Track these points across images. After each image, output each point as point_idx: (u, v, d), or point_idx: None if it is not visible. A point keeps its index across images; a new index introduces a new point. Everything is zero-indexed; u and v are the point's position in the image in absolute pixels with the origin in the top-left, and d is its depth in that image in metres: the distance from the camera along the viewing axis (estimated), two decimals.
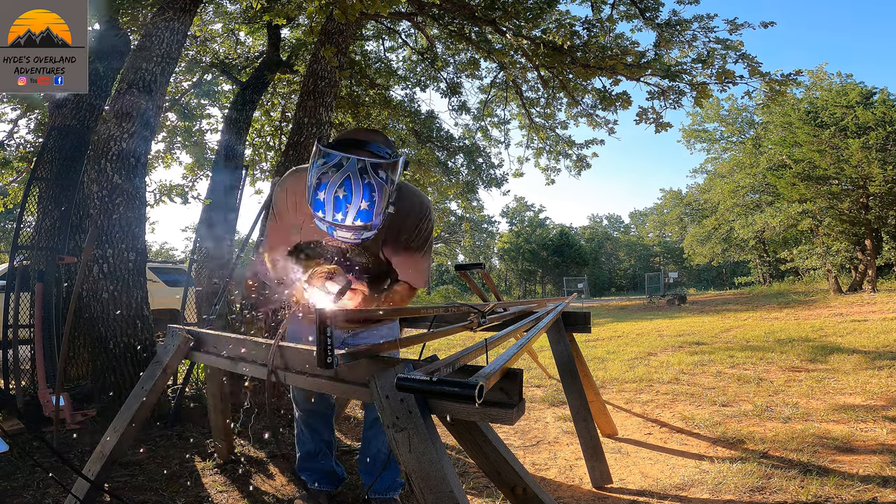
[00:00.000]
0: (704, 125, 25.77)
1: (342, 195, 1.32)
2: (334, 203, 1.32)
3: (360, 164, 1.32)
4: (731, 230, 22.94)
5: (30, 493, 2.14)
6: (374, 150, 1.41)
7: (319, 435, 2.12)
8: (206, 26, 7.59)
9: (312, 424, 2.10)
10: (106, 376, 3.30)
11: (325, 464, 2.14)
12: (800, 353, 5.61)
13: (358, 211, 1.34)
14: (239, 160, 6.11)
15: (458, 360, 1.23)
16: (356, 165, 1.31)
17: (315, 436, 2.11)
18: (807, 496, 2.05)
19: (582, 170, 8.75)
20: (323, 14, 4.47)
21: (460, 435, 1.27)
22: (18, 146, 5.72)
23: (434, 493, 1.06)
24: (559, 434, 3.11)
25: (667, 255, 41.76)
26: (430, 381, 0.96)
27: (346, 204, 1.32)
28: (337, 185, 1.31)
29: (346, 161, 1.31)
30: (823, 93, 17.40)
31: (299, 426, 2.13)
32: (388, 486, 2.06)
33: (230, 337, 1.63)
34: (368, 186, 1.32)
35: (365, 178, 1.32)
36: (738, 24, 5.71)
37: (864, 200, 14.93)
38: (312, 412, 2.08)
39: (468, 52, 7.97)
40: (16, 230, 3.70)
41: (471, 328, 1.65)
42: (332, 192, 1.32)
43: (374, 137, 1.47)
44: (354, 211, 1.34)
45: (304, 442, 2.13)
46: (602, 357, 6.06)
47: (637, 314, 15.05)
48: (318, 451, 2.12)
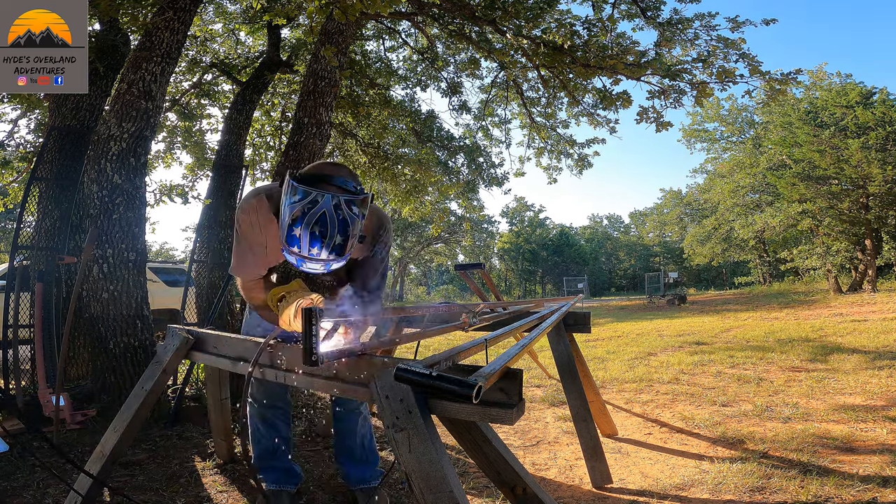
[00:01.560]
0: (704, 125, 25.79)
1: (317, 231, 1.35)
2: (310, 238, 1.36)
3: (335, 200, 1.35)
4: (731, 230, 22.94)
5: (30, 493, 2.14)
6: (343, 184, 1.45)
7: (278, 432, 2.09)
8: (206, 26, 7.58)
9: (271, 420, 2.08)
10: (106, 376, 3.30)
11: (283, 462, 2.11)
12: (800, 353, 5.61)
13: (333, 245, 1.38)
14: (239, 160, 6.10)
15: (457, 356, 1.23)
16: (331, 202, 1.35)
17: (273, 433, 2.08)
18: (807, 496, 2.05)
19: (583, 169, 8.74)
20: (323, 14, 4.46)
21: (460, 435, 1.27)
22: (18, 146, 5.71)
23: (434, 493, 1.06)
24: (559, 434, 3.11)
25: (667, 255, 41.74)
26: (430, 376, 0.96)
27: (321, 239, 1.36)
28: (312, 221, 1.34)
29: (322, 198, 1.34)
30: (823, 93, 17.39)
31: (255, 423, 2.09)
32: (370, 475, 2.13)
33: (230, 337, 1.63)
34: (342, 222, 1.37)
35: (339, 213, 1.36)
36: (740, 22, 5.71)
37: (864, 200, 14.92)
38: (271, 407, 2.07)
39: (468, 51, 7.97)
40: (16, 230, 3.70)
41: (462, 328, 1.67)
42: (308, 228, 1.35)
43: (341, 172, 1.50)
44: (330, 246, 1.38)
45: (259, 440, 2.09)
46: (602, 357, 6.06)
47: (637, 314, 15.04)
48: (276, 448, 2.09)
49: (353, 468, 2.14)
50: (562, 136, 8.60)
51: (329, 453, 2.71)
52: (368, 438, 2.18)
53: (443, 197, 10.36)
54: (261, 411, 2.07)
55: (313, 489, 2.27)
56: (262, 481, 2.08)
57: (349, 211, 1.38)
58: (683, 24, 5.85)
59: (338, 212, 1.36)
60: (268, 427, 2.08)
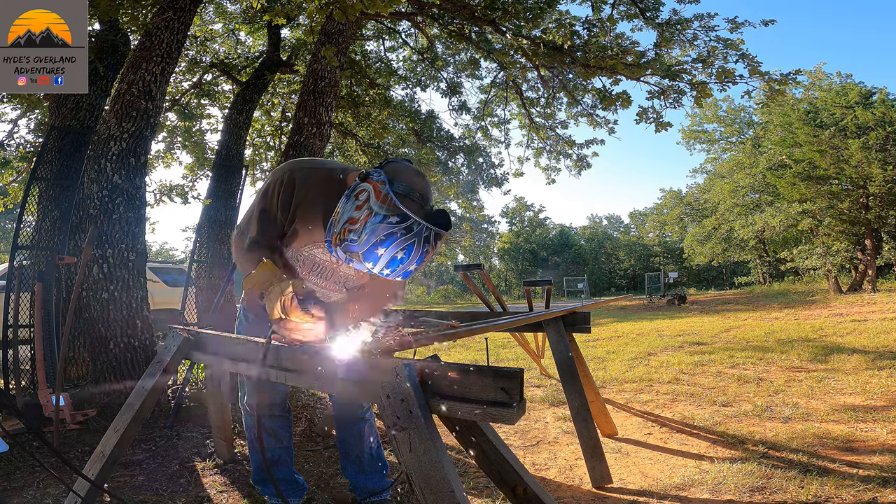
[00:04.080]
0: (704, 126, 25.80)
1: (399, 257, 1.29)
2: (389, 261, 1.30)
3: (428, 233, 1.28)
4: (731, 230, 22.94)
5: (30, 493, 2.14)
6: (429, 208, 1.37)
7: (280, 441, 2.01)
8: (206, 26, 7.59)
9: (275, 430, 2.00)
10: (106, 376, 3.30)
11: (286, 472, 2.03)
12: (800, 353, 5.61)
13: (405, 271, 1.33)
14: (239, 160, 6.10)
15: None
16: (423, 234, 1.28)
17: (276, 442, 2.00)
18: (807, 496, 2.05)
19: (582, 169, 8.75)
20: (323, 14, 4.46)
21: (460, 435, 1.26)
22: (18, 146, 5.71)
23: (434, 493, 1.06)
24: (559, 434, 3.11)
25: (667, 255, 41.73)
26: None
27: (397, 265, 1.31)
28: (401, 248, 1.28)
29: (417, 227, 1.27)
30: (823, 93, 17.40)
31: (252, 434, 2.00)
32: (380, 485, 2.04)
33: (230, 337, 1.63)
34: (424, 254, 1.31)
35: (426, 247, 1.30)
36: (739, 23, 5.72)
37: (864, 200, 14.93)
38: (274, 417, 1.99)
39: (468, 51, 7.98)
40: (16, 230, 3.70)
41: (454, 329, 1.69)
42: (393, 252, 1.29)
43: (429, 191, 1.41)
44: (402, 271, 1.33)
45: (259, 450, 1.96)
46: (602, 357, 6.06)
47: (637, 314, 15.05)
48: (279, 458, 2.01)
49: (363, 478, 2.05)
50: (561, 137, 8.61)
51: (329, 453, 2.71)
52: (376, 446, 2.09)
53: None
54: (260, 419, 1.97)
55: (314, 489, 2.27)
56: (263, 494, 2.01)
57: (434, 245, 1.32)
58: (682, 25, 5.86)
59: (426, 245, 1.29)
60: (268, 436, 1.99)
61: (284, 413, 2.04)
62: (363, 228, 1.29)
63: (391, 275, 1.33)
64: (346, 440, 2.06)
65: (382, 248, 1.28)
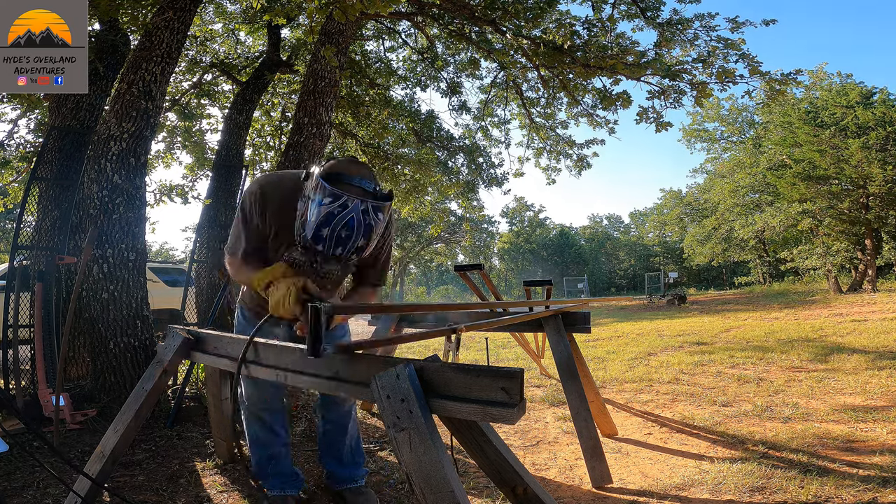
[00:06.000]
0: (704, 125, 25.81)
1: (344, 234, 1.41)
2: (335, 240, 1.42)
3: (364, 205, 1.41)
4: (731, 230, 22.94)
5: (30, 493, 2.14)
6: (368, 187, 1.49)
7: (278, 436, 2.06)
8: (206, 26, 7.59)
9: (271, 425, 2.05)
10: (106, 376, 3.30)
11: (285, 466, 2.08)
12: (800, 352, 5.61)
13: (356, 248, 1.46)
14: (239, 160, 6.10)
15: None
16: (360, 207, 1.40)
17: (274, 437, 2.05)
18: (807, 496, 2.05)
19: (582, 169, 8.75)
20: (323, 14, 4.46)
21: (461, 435, 1.27)
22: (18, 146, 5.71)
23: (435, 493, 1.06)
24: (559, 434, 3.11)
25: (667, 255, 41.72)
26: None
27: (346, 242, 1.43)
28: (341, 225, 1.40)
29: (352, 202, 1.39)
30: (823, 93, 17.39)
31: (253, 429, 2.05)
32: (358, 474, 2.13)
33: (230, 337, 1.63)
34: (368, 227, 1.43)
35: (367, 219, 1.42)
36: (740, 23, 5.72)
37: (864, 200, 14.92)
38: (271, 411, 2.04)
39: (468, 51, 7.97)
40: (16, 230, 3.70)
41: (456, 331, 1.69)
42: (336, 230, 1.40)
43: (369, 174, 1.54)
44: (353, 248, 1.45)
45: (261, 445, 2.06)
46: (602, 357, 6.06)
47: (637, 314, 15.04)
48: (278, 453, 2.06)
49: (341, 469, 2.12)
50: (561, 137, 8.61)
51: None
52: (356, 439, 2.17)
53: (443, 197, 10.37)
54: (258, 415, 2.04)
55: (313, 489, 2.27)
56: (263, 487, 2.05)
57: (375, 216, 1.44)
58: (683, 25, 5.86)
59: (365, 217, 1.41)
60: (266, 432, 2.04)
61: (281, 409, 2.10)
62: (307, 216, 1.44)
63: (344, 252, 1.45)
64: (331, 433, 2.12)
65: (326, 227, 1.40)
